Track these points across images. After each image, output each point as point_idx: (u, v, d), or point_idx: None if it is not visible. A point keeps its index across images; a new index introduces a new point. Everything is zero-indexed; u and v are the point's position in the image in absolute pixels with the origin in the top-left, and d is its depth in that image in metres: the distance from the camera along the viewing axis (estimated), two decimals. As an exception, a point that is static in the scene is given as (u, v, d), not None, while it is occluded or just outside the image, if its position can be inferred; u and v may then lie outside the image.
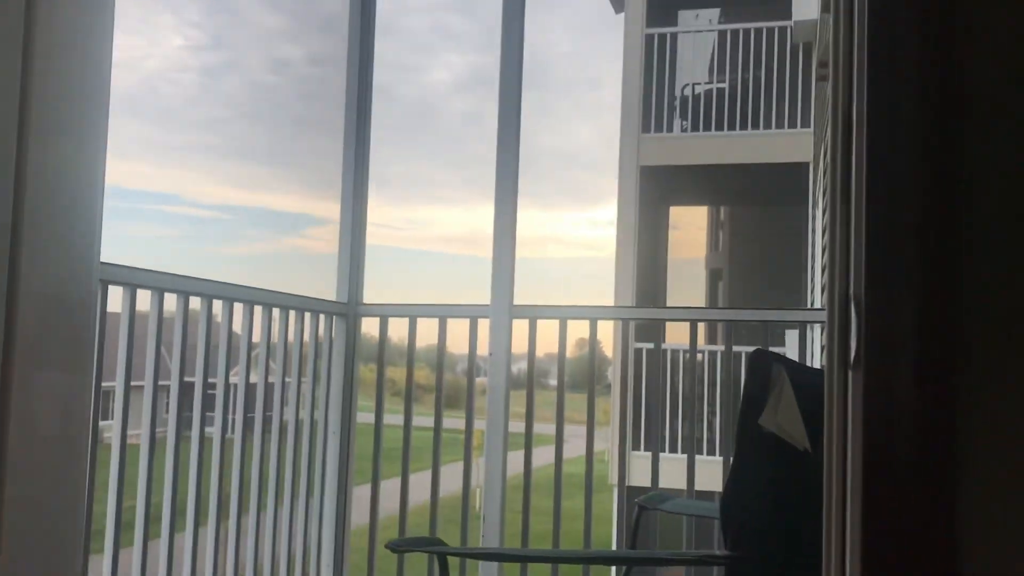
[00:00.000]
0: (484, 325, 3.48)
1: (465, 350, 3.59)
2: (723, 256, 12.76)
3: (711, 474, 3.55)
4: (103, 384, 2.46)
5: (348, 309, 3.60)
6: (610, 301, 10.13)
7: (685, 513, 2.96)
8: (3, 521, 1.38)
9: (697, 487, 3.39)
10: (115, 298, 2.54)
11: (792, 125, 10.12)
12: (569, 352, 3.55)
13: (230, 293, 3.02)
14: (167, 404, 2.96)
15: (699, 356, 7.82)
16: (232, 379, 3.12)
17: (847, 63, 0.97)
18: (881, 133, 0.86)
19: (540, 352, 3.54)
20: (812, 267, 8.29)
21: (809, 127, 9.82)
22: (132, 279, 2.56)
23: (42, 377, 1.45)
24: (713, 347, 8.14)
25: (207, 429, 3.00)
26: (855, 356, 0.81)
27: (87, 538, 2.42)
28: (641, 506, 2.71)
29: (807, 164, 9.73)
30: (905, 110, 0.86)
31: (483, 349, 3.54)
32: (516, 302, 3.46)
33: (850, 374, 0.83)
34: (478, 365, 3.63)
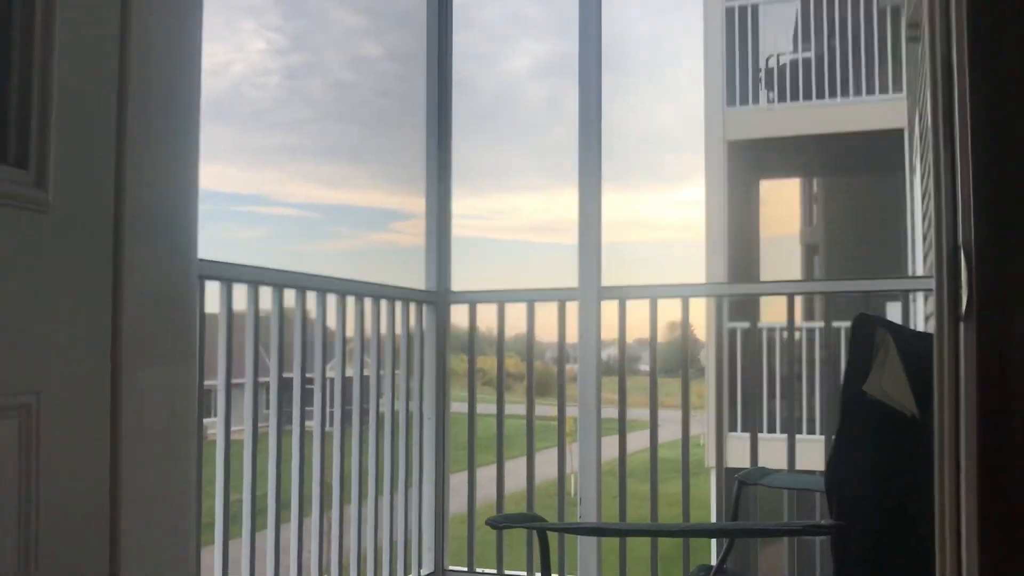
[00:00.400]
0: (572, 309, 3.47)
1: (553, 338, 3.58)
2: (818, 230, 12.35)
3: (812, 453, 3.47)
4: (204, 382, 2.53)
5: (438, 297, 3.62)
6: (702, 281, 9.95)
7: (787, 487, 2.89)
8: (121, 515, 1.43)
9: (798, 467, 3.32)
10: (211, 298, 2.61)
11: (883, 91, 9.77)
12: (659, 337, 3.52)
13: (322, 284, 3.04)
14: (267, 400, 3.03)
15: (796, 334, 7.62)
16: (329, 373, 3.16)
17: (944, 8, 0.93)
18: (984, 77, 0.82)
19: (630, 338, 3.51)
20: (912, 237, 8.00)
21: (901, 92, 9.47)
22: (228, 274, 2.60)
23: (148, 373, 1.50)
24: (811, 324, 7.91)
25: (307, 423, 3.02)
26: (966, 307, 0.78)
27: (198, 530, 2.49)
28: (741, 481, 2.65)
29: (901, 130, 9.38)
30: (1009, 51, 0.83)
31: (572, 336, 3.53)
32: (604, 283, 3.42)
33: (961, 327, 0.80)
34: (567, 352, 3.63)
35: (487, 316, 3.55)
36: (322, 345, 3.08)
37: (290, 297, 2.98)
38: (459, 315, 3.60)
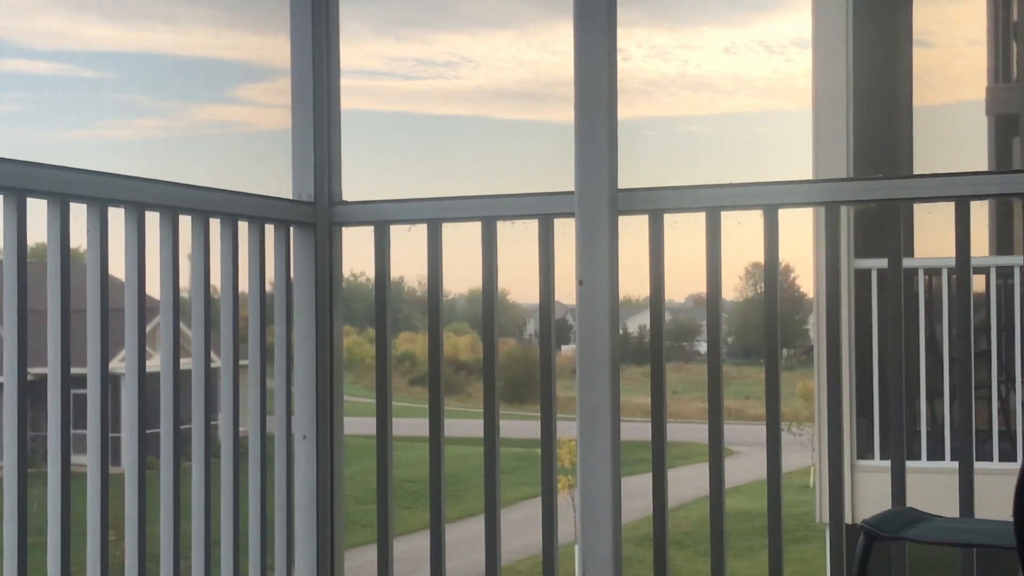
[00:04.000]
0: (565, 232, 2.28)
1: (532, 296, 2.42)
2: (1020, 91, 8.24)
3: (1004, 492, 2.30)
4: None
5: (316, 213, 2.41)
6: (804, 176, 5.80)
7: (958, 542, 2.27)
8: None
9: (978, 510, 2.33)
10: None
11: None
12: (731, 288, 2.56)
13: (101, 190, 2.02)
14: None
15: (980, 280, 5.49)
16: (116, 367, 2.27)
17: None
18: None
19: (674, 293, 2.61)
20: None
21: None
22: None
23: None
24: (1007, 260, 5.97)
25: (75, 460, 2.06)
26: None
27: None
28: (871, 533, 2.09)
29: None
30: None
31: (566, 289, 2.29)
32: (623, 185, 2.22)
33: None
34: (563, 321, 2.41)
35: (410, 251, 2.25)
36: (99, 313, 2.09)
37: (38, 217, 2.03)
38: (356, 249, 2.31)
